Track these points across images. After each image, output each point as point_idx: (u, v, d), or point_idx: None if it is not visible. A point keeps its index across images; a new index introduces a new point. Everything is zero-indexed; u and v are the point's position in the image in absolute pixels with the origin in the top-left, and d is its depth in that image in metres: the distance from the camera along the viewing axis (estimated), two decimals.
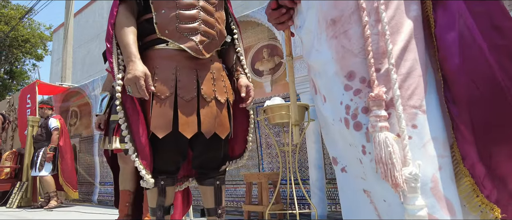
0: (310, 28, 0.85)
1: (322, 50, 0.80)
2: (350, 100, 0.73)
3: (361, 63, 0.73)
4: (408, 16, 0.74)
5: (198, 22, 1.36)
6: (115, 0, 1.33)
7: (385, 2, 0.73)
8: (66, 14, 7.72)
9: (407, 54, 0.72)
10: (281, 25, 0.99)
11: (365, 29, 0.72)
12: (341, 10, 0.76)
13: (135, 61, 1.23)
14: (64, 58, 7.56)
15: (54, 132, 4.61)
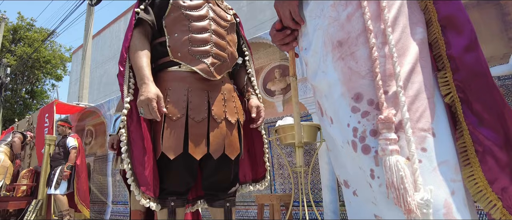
0: (316, 50, 0.85)
1: (328, 72, 0.80)
2: (357, 122, 0.72)
3: (368, 85, 0.72)
4: (413, 39, 0.74)
5: (210, 45, 1.39)
6: (130, 24, 1.38)
7: (392, 24, 0.74)
8: (85, 36, 8.02)
9: (414, 76, 0.71)
10: (285, 46, 1.00)
11: (373, 51, 0.71)
12: (348, 32, 0.76)
13: (148, 83, 1.26)
14: (82, 78, 7.79)
15: (72, 150, 4.68)
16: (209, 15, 1.45)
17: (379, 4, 0.75)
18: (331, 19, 0.79)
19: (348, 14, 0.77)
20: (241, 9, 7.35)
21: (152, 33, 1.41)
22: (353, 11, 0.77)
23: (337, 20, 0.79)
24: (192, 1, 1.44)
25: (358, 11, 0.76)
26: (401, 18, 0.76)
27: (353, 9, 0.77)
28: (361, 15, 0.75)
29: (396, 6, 0.76)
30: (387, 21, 0.73)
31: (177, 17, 1.39)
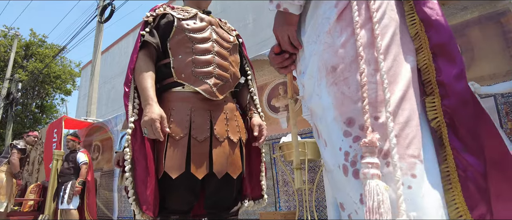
0: (312, 74, 0.88)
1: (322, 96, 0.82)
2: (349, 147, 0.74)
3: (360, 110, 0.74)
4: (405, 67, 0.77)
5: (212, 66, 1.43)
6: (136, 46, 1.42)
7: (384, 52, 0.76)
8: (94, 53, 8.20)
9: (404, 103, 0.73)
10: (283, 69, 1.03)
11: (362, 77, 0.74)
12: (342, 58, 0.79)
13: (152, 104, 1.29)
14: (90, 94, 7.92)
15: (83, 166, 4.69)
16: (212, 37, 1.49)
17: (373, 32, 0.78)
18: (326, 45, 0.82)
19: (342, 41, 0.80)
20: (246, 26, 7.46)
21: (156, 55, 1.46)
22: (347, 38, 0.79)
23: (332, 46, 0.81)
24: (196, 24, 1.48)
25: (352, 38, 0.79)
26: (394, 46, 0.78)
27: (348, 36, 0.80)
28: (355, 42, 0.78)
29: (389, 35, 0.79)
30: (379, 49, 0.75)
31: (181, 39, 1.43)
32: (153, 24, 1.47)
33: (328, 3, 0.85)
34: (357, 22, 0.78)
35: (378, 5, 0.81)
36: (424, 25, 0.80)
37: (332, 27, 0.82)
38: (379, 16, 0.79)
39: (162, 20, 1.47)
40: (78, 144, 5.01)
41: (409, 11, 0.83)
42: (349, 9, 0.82)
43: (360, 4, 0.81)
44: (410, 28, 0.82)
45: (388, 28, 0.79)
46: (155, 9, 1.51)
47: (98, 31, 8.37)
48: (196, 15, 1.53)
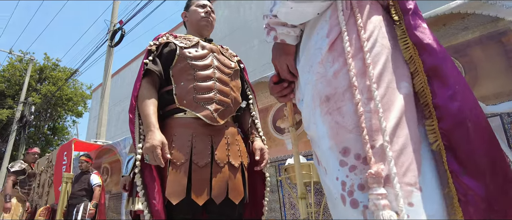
0: (308, 103, 0.89)
1: (318, 125, 0.83)
2: (345, 177, 0.74)
3: (355, 139, 0.74)
4: (399, 93, 0.77)
5: (213, 92, 1.46)
6: (139, 74, 1.46)
7: (377, 80, 0.77)
8: (104, 76, 8.39)
9: (399, 130, 0.73)
10: (283, 98, 1.04)
11: (358, 107, 0.74)
12: (335, 88, 0.80)
13: (153, 130, 1.31)
14: (100, 116, 8.05)
15: (97, 188, 4.64)
16: (213, 64, 1.53)
17: (364, 62, 0.79)
18: (319, 75, 0.84)
19: (334, 70, 0.81)
20: (252, 49, 7.58)
21: (159, 82, 1.49)
22: (339, 68, 0.81)
23: (324, 76, 0.83)
24: (198, 52, 1.53)
25: (344, 68, 0.80)
26: (386, 73, 0.79)
27: (340, 66, 0.81)
28: (347, 72, 0.79)
29: (381, 63, 0.80)
30: (372, 78, 0.76)
31: (183, 67, 1.47)
32: (156, 52, 1.51)
33: (319, 34, 0.87)
34: (348, 52, 0.80)
35: (369, 34, 0.83)
36: (417, 48, 0.81)
37: (324, 58, 0.84)
38: (370, 45, 0.81)
39: (165, 49, 1.52)
40: (91, 165, 4.98)
41: (402, 36, 0.84)
42: (340, 39, 0.83)
43: (351, 34, 0.83)
44: (404, 52, 0.83)
45: (380, 56, 0.80)
46: (158, 38, 1.56)
47: (108, 54, 8.59)
48: (198, 43, 1.57)
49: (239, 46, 7.66)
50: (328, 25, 0.87)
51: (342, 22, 0.84)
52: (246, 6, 8.26)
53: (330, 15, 0.88)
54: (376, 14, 0.88)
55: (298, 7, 0.86)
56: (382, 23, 0.87)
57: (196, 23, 1.67)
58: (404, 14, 0.85)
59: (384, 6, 0.92)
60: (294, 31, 0.94)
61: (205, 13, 1.67)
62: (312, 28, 0.91)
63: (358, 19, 0.84)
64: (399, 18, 0.86)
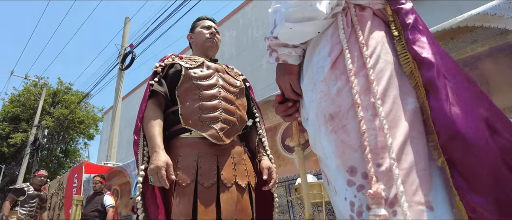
0: (313, 121, 0.88)
1: (323, 143, 0.81)
2: (353, 197, 0.72)
3: (361, 158, 0.72)
4: (405, 110, 0.75)
5: (219, 111, 1.45)
6: (145, 96, 1.47)
7: (381, 97, 0.75)
8: (115, 98, 8.53)
9: (407, 148, 0.71)
10: (288, 117, 1.03)
11: (361, 124, 0.73)
12: (339, 106, 0.78)
13: (158, 151, 1.30)
14: (111, 138, 8.12)
15: (110, 209, 4.60)
16: (219, 83, 1.53)
17: (368, 78, 0.77)
18: (323, 93, 0.83)
19: (338, 88, 0.80)
20: (260, 68, 7.64)
21: (165, 103, 1.50)
22: (342, 86, 0.80)
23: (328, 94, 0.82)
24: (203, 72, 1.53)
25: (347, 86, 0.79)
26: (391, 89, 0.77)
27: (343, 84, 0.80)
28: (350, 89, 0.78)
29: (386, 78, 0.78)
30: (376, 94, 0.75)
31: (188, 87, 1.47)
32: (161, 73, 1.53)
33: (321, 53, 0.87)
34: (350, 69, 0.79)
35: (372, 50, 0.81)
36: (416, 63, 0.79)
37: (327, 76, 0.83)
38: (373, 62, 0.80)
39: (171, 70, 1.53)
40: (104, 186, 4.96)
41: (402, 51, 0.83)
42: (342, 57, 0.83)
43: (353, 51, 0.82)
44: (404, 67, 0.82)
45: (384, 72, 0.79)
46: (164, 60, 1.59)
47: (119, 77, 8.76)
48: (203, 63, 1.59)
49: (247, 66, 7.73)
50: (330, 44, 0.86)
51: (343, 40, 0.83)
52: (253, 26, 8.39)
53: (331, 33, 0.87)
54: (378, 30, 0.87)
55: (297, 28, 0.86)
56: (384, 39, 0.86)
57: (201, 44, 1.69)
58: (404, 29, 0.84)
59: (386, 21, 0.92)
60: (295, 51, 0.94)
61: (210, 34, 1.70)
62: (314, 47, 0.91)
63: (360, 36, 0.83)
64: (399, 33, 0.85)
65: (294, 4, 0.84)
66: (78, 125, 19.38)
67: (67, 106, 19.20)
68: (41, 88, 18.36)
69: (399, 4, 0.87)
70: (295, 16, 0.85)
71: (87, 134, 20.34)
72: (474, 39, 2.04)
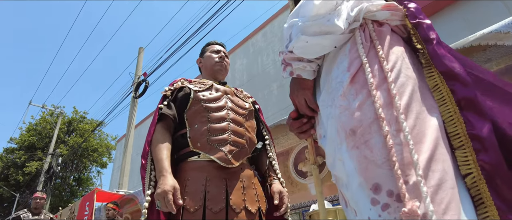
0: (332, 138, 0.84)
1: (345, 161, 0.77)
2: (378, 216, 0.67)
3: (386, 175, 0.68)
4: (429, 125, 0.72)
5: (227, 133, 1.43)
6: (154, 119, 1.46)
7: (404, 111, 0.72)
8: (128, 126, 8.63)
9: (434, 164, 0.67)
10: (303, 134, 1.00)
11: (387, 139, 0.69)
12: (360, 120, 0.75)
13: (166, 175, 1.28)
14: (123, 166, 8.15)
15: None
16: (227, 106, 1.52)
17: (389, 92, 0.75)
18: (342, 108, 0.80)
19: (359, 102, 0.77)
20: (271, 93, 7.68)
21: (173, 127, 1.49)
22: (363, 99, 0.77)
23: (348, 109, 0.79)
24: (212, 94, 1.53)
25: (368, 99, 0.76)
26: (414, 104, 0.74)
27: (364, 97, 0.77)
28: (372, 103, 0.75)
29: (408, 93, 0.75)
30: (399, 108, 0.72)
31: (197, 109, 1.47)
32: (171, 97, 1.53)
33: (340, 68, 0.85)
34: (372, 83, 0.76)
35: (392, 64, 0.79)
36: (444, 77, 0.77)
37: (346, 90, 0.81)
38: (394, 76, 0.77)
39: (180, 93, 1.54)
40: (117, 213, 4.92)
41: (426, 64, 0.81)
42: (362, 71, 0.81)
43: (373, 65, 0.80)
44: (428, 80, 0.79)
45: (406, 87, 0.76)
46: (173, 84, 1.60)
47: (132, 105, 8.91)
48: (212, 86, 1.59)
49: (258, 92, 7.78)
50: (348, 59, 0.85)
51: (362, 55, 0.82)
52: (263, 53, 8.53)
53: (350, 48, 0.86)
54: (398, 45, 0.86)
55: (313, 41, 0.85)
56: (404, 54, 0.84)
57: (210, 68, 1.71)
58: (427, 43, 0.82)
59: (405, 38, 0.90)
60: (310, 65, 0.93)
61: (219, 58, 1.72)
62: (332, 63, 0.90)
63: (379, 51, 0.82)
64: (422, 47, 0.83)
65: (311, 18, 0.84)
66: (92, 153, 19.59)
67: (82, 134, 19.53)
68: (57, 117, 18.79)
69: (419, 19, 0.86)
70: (312, 29, 0.84)
71: (100, 162, 20.50)
72: (488, 58, 2.01)
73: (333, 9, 0.85)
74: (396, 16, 0.90)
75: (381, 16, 0.88)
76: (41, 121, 19.60)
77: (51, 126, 19.23)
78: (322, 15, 0.84)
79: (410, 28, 0.87)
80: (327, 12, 0.85)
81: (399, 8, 0.90)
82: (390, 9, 0.89)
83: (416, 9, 0.90)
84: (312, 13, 0.85)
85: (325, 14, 0.85)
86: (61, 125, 18.22)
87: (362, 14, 0.86)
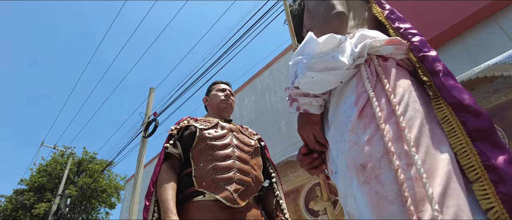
0: (343, 174, 0.83)
1: (356, 197, 0.75)
2: None
3: (399, 211, 0.66)
4: (440, 159, 0.70)
5: (233, 171, 1.41)
6: (159, 159, 1.46)
7: (415, 145, 0.71)
8: (137, 165, 8.62)
9: (448, 199, 0.64)
10: (314, 169, 0.98)
11: (398, 174, 0.68)
12: (369, 155, 0.74)
13: (171, 216, 1.25)
14: (131, 206, 8.03)
15: None
16: (233, 143, 1.52)
17: (398, 125, 0.74)
18: (351, 143, 0.79)
19: (367, 137, 0.76)
20: (280, 129, 7.67)
21: (179, 166, 1.47)
22: (372, 134, 0.76)
23: (357, 143, 0.78)
24: (217, 132, 1.54)
25: (377, 133, 0.75)
26: (424, 138, 0.73)
27: (372, 132, 0.76)
28: (381, 137, 0.74)
29: (417, 127, 0.75)
30: (409, 142, 0.71)
31: (202, 148, 1.46)
32: (177, 136, 1.54)
33: (347, 102, 0.85)
34: (380, 117, 0.76)
35: (400, 98, 0.79)
36: (454, 109, 0.76)
37: (354, 125, 0.80)
38: (402, 109, 0.77)
39: (186, 132, 1.54)
40: None
41: (434, 96, 0.81)
42: (369, 105, 0.81)
43: (380, 99, 0.80)
44: (437, 112, 0.79)
45: (415, 120, 0.76)
46: (179, 122, 1.61)
47: (142, 145, 8.95)
48: (217, 124, 1.60)
49: (266, 129, 7.78)
50: (355, 94, 0.85)
51: (369, 89, 0.82)
52: (271, 90, 8.63)
53: (356, 83, 0.87)
54: (404, 78, 0.86)
55: (319, 76, 0.86)
56: (411, 88, 0.84)
57: (216, 106, 1.74)
58: (434, 75, 0.83)
59: (411, 71, 0.91)
60: (316, 100, 0.93)
61: (225, 96, 1.75)
62: (339, 98, 0.90)
63: (386, 85, 0.82)
64: (428, 79, 0.83)
65: (316, 55, 0.86)
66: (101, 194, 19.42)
67: (91, 175, 19.50)
68: (67, 157, 18.92)
69: (423, 52, 0.87)
70: (318, 66, 0.85)
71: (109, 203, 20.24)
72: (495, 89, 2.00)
73: (337, 46, 0.87)
74: (400, 50, 0.91)
75: (385, 51, 0.90)
76: (52, 162, 19.71)
77: (61, 167, 19.31)
78: (326, 52, 0.86)
79: (415, 62, 0.88)
80: (331, 49, 0.86)
81: (403, 42, 0.92)
82: (393, 43, 0.90)
83: (421, 42, 0.91)
84: (316, 51, 0.86)
85: (329, 51, 0.86)
86: (71, 165, 18.29)
87: (366, 50, 0.88)
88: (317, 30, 0.95)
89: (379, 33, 0.96)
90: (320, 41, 0.86)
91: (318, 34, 0.91)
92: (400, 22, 1.01)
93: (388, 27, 1.01)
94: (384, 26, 1.02)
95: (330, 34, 0.87)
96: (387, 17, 1.03)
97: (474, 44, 3.04)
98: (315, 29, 0.96)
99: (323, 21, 0.96)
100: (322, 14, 0.98)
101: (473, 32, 3.06)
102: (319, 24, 0.97)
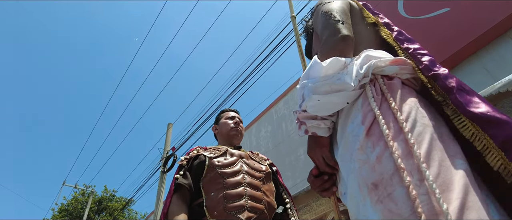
0: (353, 194, 0.81)
1: (370, 217, 0.74)
2: None
3: None
4: (456, 172, 0.68)
5: (244, 199, 1.39)
6: (170, 190, 1.46)
7: (425, 160, 0.70)
8: (157, 200, 8.59)
9: (467, 213, 0.62)
10: (325, 192, 0.97)
11: (410, 190, 0.66)
12: (381, 173, 0.73)
13: None
14: None
15: None
16: (243, 169, 1.50)
17: (407, 142, 0.73)
18: (361, 162, 0.79)
19: (377, 155, 0.76)
20: (298, 158, 7.57)
21: (190, 196, 1.46)
22: (381, 151, 0.76)
23: (367, 162, 0.77)
24: (226, 159, 1.53)
25: (386, 151, 0.75)
26: (436, 151, 0.72)
27: (381, 149, 0.76)
28: (390, 154, 0.73)
29: (427, 141, 0.74)
30: (419, 157, 0.70)
31: (213, 176, 1.45)
32: (186, 166, 1.53)
33: (354, 123, 0.86)
34: (388, 134, 0.76)
35: (406, 115, 0.79)
36: (478, 124, 0.74)
37: (363, 144, 0.80)
38: (410, 126, 0.77)
39: (195, 161, 1.54)
40: None
41: (454, 115, 0.79)
42: (376, 124, 0.81)
43: (387, 117, 0.80)
44: (463, 131, 0.77)
45: (424, 135, 0.75)
46: (189, 153, 1.62)
47: (161, 181, 8.97)
48: (227, 152, 1.60)
49: (284, 158, 7.69)
50: (362, 113, 0.85)
51: (374, 107, 0.83)
52: (287, 120, 8.63)
53: (362, 103, 0.87)
54: (410, 96, 0.86)
55: (325, 99, 0.87)
56: (418, 104, 0.84)
57: (226, 134, 1.74)
58: (449, 93, 0.82)
59: (417, 90, 0.91)
60: (324, 123, 0.94)
61: (234, 124, 1.76)
62: (346, 118, 0.90)
63: (392, 103, 0.82)
64: (444, 98, 0.82)
65: (321, 78, 0.87)
66: None
67: (111, 213, 19.50)
68: (88, 196, 19.07)
69: (433, 71, 0.87)
70: (323, 89, 0.87)
71: None
72: None
73: (341, 69, 0.89)
74: (406, 69, 0.91)
75: (390, 70, 0.91)
76: (73, 201, 19.88)
77: (81, 206, 19.42)
78: (332, 75, 0.87)
79: (426, 82, 0.87)
80: (336, 72, 0.88)
81: (408, 62, 0.92)
82: (398, 63, 0.91)
83: (430, 61, 0.91)
84: (321, 74, 0.88)
85: (334, 73, 0.88)
86: (91, 204, 18.38)
87: (371, 70, 0.89)
88: (323, 54, 0.97)
89: (385, 53, 0.97)
90: (324, 65, 0.88)
91: (324, 57, 0.93)
92: (409, 43, 1.01)
93: (396, 48, 1.01)
94: (393, 47, 1.03)
95: (334, 58, 0.88)
96: (396, 39, 1.04)
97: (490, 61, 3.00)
98: (321, 52, 0.98)
99: (329, 45, 0.98)
100: (328, 38, 1.00)
101: (489, 49, 3.03)
102: (325, 48, 0.99)
